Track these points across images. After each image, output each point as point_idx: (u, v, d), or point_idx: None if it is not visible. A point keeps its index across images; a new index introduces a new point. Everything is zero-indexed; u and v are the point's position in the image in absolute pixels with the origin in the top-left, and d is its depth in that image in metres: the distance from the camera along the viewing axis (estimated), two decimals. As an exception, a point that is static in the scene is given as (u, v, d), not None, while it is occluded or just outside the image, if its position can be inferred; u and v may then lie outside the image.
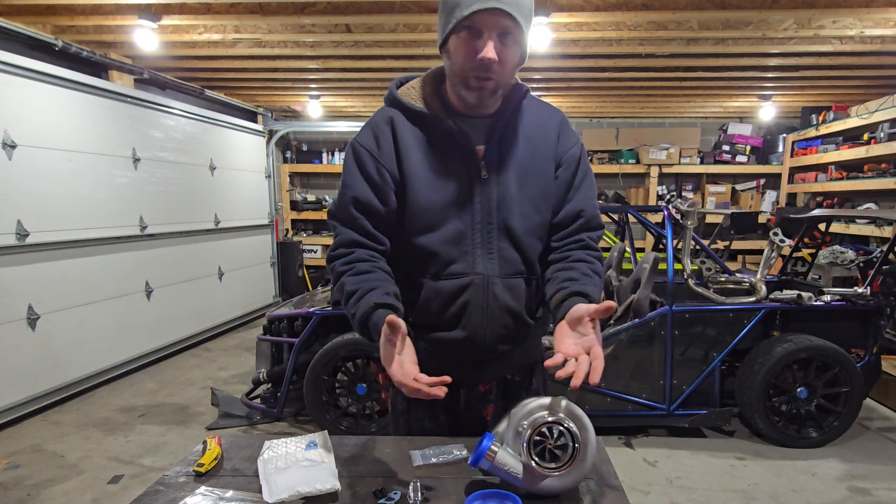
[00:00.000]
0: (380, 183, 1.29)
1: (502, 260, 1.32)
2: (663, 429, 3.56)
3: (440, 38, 1.23)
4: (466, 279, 1.31)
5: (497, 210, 1.30)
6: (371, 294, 1.19)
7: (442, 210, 1.29)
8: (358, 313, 1.18)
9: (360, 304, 1.18)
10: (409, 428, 1.46)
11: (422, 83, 1.34)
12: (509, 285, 1.33)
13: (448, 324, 1.34)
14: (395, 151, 1.29)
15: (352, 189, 1.29)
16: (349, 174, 1.31)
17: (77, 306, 4.12)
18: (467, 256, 1.31)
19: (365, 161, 1.29)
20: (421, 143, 1.29)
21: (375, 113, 1.37)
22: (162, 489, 1.15)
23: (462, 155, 1.29)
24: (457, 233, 1.30)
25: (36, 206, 3.74)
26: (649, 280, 3.31)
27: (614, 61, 4.92)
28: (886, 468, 3.10)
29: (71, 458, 3.21)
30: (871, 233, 5.31)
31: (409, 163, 1.28)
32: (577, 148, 1.37)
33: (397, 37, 4.21)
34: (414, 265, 1.33)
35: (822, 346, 3.21)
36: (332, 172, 8.10)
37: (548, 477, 1.10)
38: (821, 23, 3.89)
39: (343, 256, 1.28)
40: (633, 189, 7.59)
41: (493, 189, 1.29)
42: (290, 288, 7.34)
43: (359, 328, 1.20)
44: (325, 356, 3.36)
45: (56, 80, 3.94)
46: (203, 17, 3.88)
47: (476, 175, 1.29)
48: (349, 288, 1.23)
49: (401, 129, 1.30)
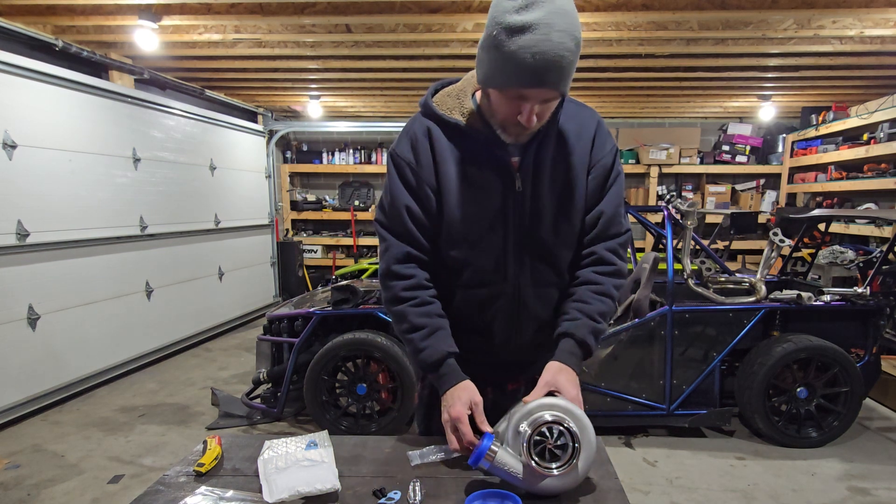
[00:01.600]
0: (423, 196, 1.30)
1: (534, 271, 1.35)
2: (663, 429, 3.57)
3: (481, 75, 1.19)
4: (498, 288, 1.34)
5: (530, 222, 1.32)
6: (440, 336, 1.31)
7: (476, 222, 1.30)
8: (428, 355, 1.30)
9: (430, 344, 1.30)
10: (433, 422, 1.47)
11: (460, 91, 1.33)
12: (540, 295, 1.37)
13: (479, 329, 1.38)
14: (434, 164, 1.30)
15: (401, 199, 1.31)
16: (395, 185, 1.32)
17: (77, 306, 4.12)
18: (500, 267, 1.34)
19: (406, 174, 1.31)
20: (457, 156, 1.30)
21: (412, 122, 1.36)
22: (162, 489, 1.16)
23: (497, 167, 1.29)
24: (490, 244, 1.32)
25: (36, 206, 3.74)
26: (649, 280, 3.31)
27: (614, 61, 4.93)
28: (886, 468, 3.10)
29: (71, 457, 3.21)
30: (870, 233, 5.31)
31: (446, 176, 1.29)
32: (609, 156, 1.35)
33: (397, 37, 4.22)
34: (448, 273, 1.36)
35: (821, 346, 3.21)
36: (332, 172, 8.10)
37: (548, 477, 1.11)
38: (820, 23, 3.89)
39: (404, 279, 1.32)
40: (633, 189, 7.59)
41: (527, 201, 1.31)
42: (290, 288, 7.35)
43: (421, 364, 1.31)
44: (326, 356, 3.36)
45: (56, 80, 3.94)
46: (203, 17, 3.88)
47: (510, 187, 1.29)
48: (416, 321, 1.31)
49: (439, 143, 1.30)
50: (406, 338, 1.32)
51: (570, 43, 1.07)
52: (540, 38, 1.05)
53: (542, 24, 1.05)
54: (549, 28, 1.05)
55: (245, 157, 6.77)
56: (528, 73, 1.08)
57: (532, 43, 1.05)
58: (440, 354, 1.29)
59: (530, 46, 1.05)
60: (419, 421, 1.57)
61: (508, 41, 1.07)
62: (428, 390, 1.50)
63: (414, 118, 1.36)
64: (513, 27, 1.06)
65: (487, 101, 1.23)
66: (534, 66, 1.07)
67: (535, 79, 1.09)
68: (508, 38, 1.07)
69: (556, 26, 1.05)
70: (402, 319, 1.32)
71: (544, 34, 1.05)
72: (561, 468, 1.10)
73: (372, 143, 8.01)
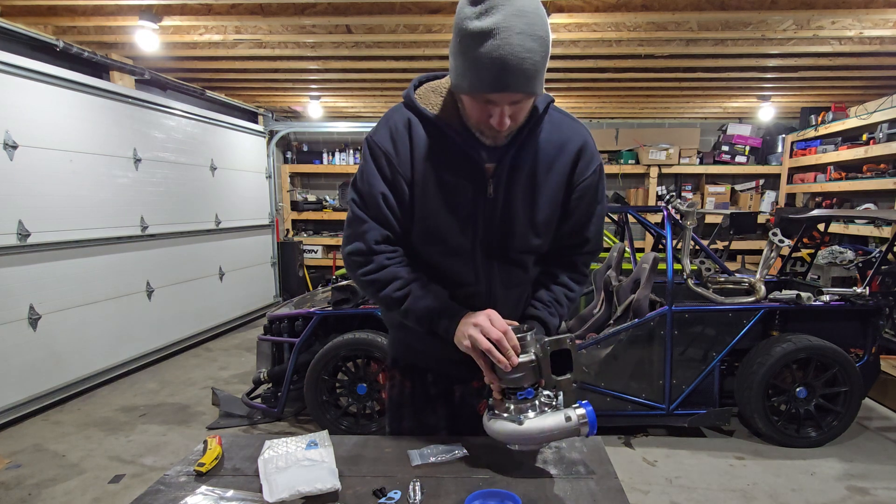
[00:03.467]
0: (398, 187, 1.29)
1: (503, 273, 1.36)
2: (663, 428, 3.57)
3: (452, 80, 1.19)
4: (470, 289, 1.35)
5: (500, 229, 1.31)
6: (436, 287, 1.31)
7: (445, 222, 1.29)
8: (434, 300, 1.28)
9: (432, 290, 1.29)
10: (404, 420, 1.48)
11: (444, 88, 1.31)
12: (509, 296, 1.39)
13: None
14: (411, 158, 1.28)
15: (377, 187, 1.28)
16: (371, 173, 1.29)
17: (78, 306, 4.13)
18: (469, 269, 1.34)
19: (382, 163, 1.28)
20: (433, 152, 1.28)
21: (393, 111, 1.33)
22: (163, 489, 1.16)
23: (471, 171, 1.28)
24: (458, 246, 1.32)
25: (37, 207, 3.75)
26: (649, 280, 3.32)
27: (614, 62, 4.93)
28: (885, 468, 3.11)
29: (72, 457, 3.22)
30: (869, 233, 5.32)
31: (421, 172, 1.28)
32: (594, 176, 1.35)
33: (397, 37, 4.22)
34: (423, 270, 1.35)
35: (821, 345, 3.22)
36: (333, 173, 8.10)
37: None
38: (820, 23, 3.90)
39: (388, 253, 1.30)
40: (632, 189, 7.59)
41: (497, 209, 1.30)
42: (290, 288, 7.35)
43: (427, 310, 1.27)
44: (326, 356, 3.36)
45: (57, 80, 3.95)
46: (204, 17, 3.89)
47: (481, 192, 1.29)
48: (410, 276, 1.29)
49: (417, 136, 1.28)
50: (399, 294, 1.28)
51: (531, 44, 1.06)
52: (499, 42, 1.05)
53: (500, 27, 1.05)
54: (509, 31, 1.05)
55: (245, 158, 6.77)
56: (490, 78, 1.08)
57: (492, 48, 1.05)
58: (445, 296, 1.29)
59: (490, 52, 1.06)
60: (389, 420, 1.53)
61: (470, 47, 1.08)
62: (398, 389, 1.50)
63: (395, 108, 1.33)
64: (473, 33, 1.07)
65: (461, 104, 1.23)
66: (495, 71, 1.07)
67: (498, 83, 1.09)
68: (470, 43, 1.08)
69: (515, 28, 1.05)
70: (395, 277, 1.29)
71: (504, 38, 1.05)
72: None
73: (372, 143, 7.99)
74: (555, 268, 1.45)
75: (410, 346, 1.46)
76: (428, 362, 1.46)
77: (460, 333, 1.23)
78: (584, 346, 3.33)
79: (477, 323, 1.20)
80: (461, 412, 1.46)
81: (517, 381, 1.19)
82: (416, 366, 1.48)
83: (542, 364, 1.18)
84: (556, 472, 1.22)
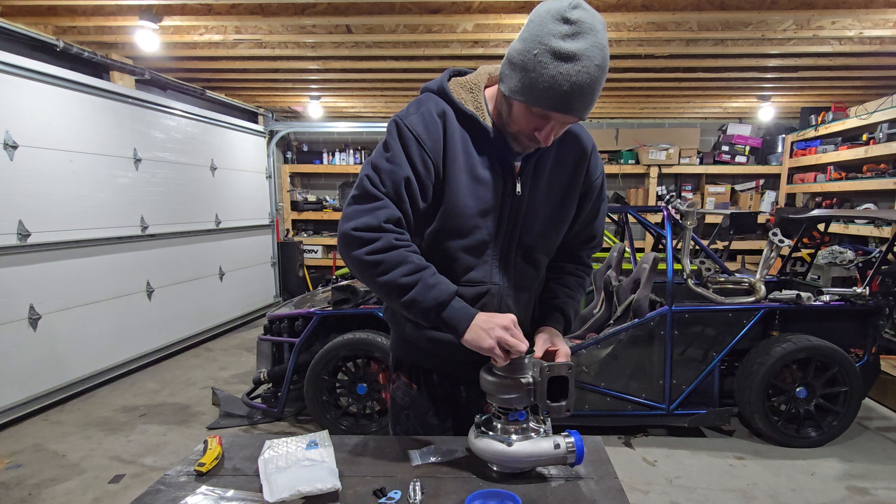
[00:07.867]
0: (423, 175, 1.24)
1: (517, 274, 1.38)
2: (663, 428, 3.57)
3: (512, 85, 1.17)
4: (483, 288, 1.35)
5: (522, 226, 1.34)
6: (443, 277, 1.26)
7: (472, 217, 1.29)
8: (441, 291, 1.22)
9: (441, 280, 1.24)
10: (411, 422, 1.48)
11: (473, 85, 1.31)
12: (520, 297, 1.40)
13: None
14: (444, 147, 1.27)
15: (402, 167, 1.22)
16: (396, 152, 1.23)
17: (78, 306, 4.13)
18: (486, 266, 1.35)
19: (411, 147, 1.23)
20: (467, 146, 1.28)
21: (425, 99, 1.30)
22: (163, 488, 1.16)
23: (502, 167, 1.30)
24: (479, 242, 1.32)
25: (37, 207, 3.75)
26: (649, 280, 3.32)
27: (614, 62, 4.92)
28: (885, 467, 3.11)
29: (72, 457, 3.22)
30: (869, 233, 5.32)
31: (453, 163, 1.27)
32: (600, 178, 1.44)
33: (398, 38, 4.22)
34: (434, 265, 1.32)
35: (821, 345, 3.22)
36: (333, 173, 8.11)
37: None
38: (820, 23, 3.90)
39: (398, 233, 1.22)
40: (632, 189, 7.60)
41: (523, 206, 1.33)
42: (290, 288, 7.35)
43: (434, 301, 1.21)
44: (326, 356, 3.37)
45: (57, 80, 3.95)
46: (204, 17, 3.89)
47: (511, 189, 1.31)
48: (419, 262, 1.23)
49: (451, 127, 1.27)
50: (406, 281, 1.19)
51: (601, 76, 1.12)
52: (580, 68, 1.09)
53: (584, 55, 1.08)
54: (590, 61, 1.09)
55: (246, 158, 6.78)
56: (561, 99, 1.11)
57: (573, 72, 1.09)
58: (453, 289, 1.24)
59: (570, 75, 1.09)
60: (393, 423, 1.53)
61: (550, 64, 1.09)
62: (402, 391, 1.49)
63: (426, 96, 1.31)
64: (558, 53, 1.08)
65: (507, 108, 1.23)
66: (568, 94, 1.10)
67: (566, 106, 1.13)
68: (551, 61, 1.09)
69: (595, 59, 1.09)
70: (403, 261, 1.20)
71: (584, 66, 1.09)
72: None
73: (372, 143, 8.01)
74: (564, 262, 1.51)
75: (414, 346, 1.44)
76: (433, 363, 1.46)
77: (478, 332, 1.19)
78: (584, 346, 3.34)
79: (506, 326, 1.18)
80: (468, 413, 1.45)
81: (511, 401, 1.19)
82: (421, 367, 1.48)
83: (539, 388, 1.18)
84: (556, 472, 1.22)
